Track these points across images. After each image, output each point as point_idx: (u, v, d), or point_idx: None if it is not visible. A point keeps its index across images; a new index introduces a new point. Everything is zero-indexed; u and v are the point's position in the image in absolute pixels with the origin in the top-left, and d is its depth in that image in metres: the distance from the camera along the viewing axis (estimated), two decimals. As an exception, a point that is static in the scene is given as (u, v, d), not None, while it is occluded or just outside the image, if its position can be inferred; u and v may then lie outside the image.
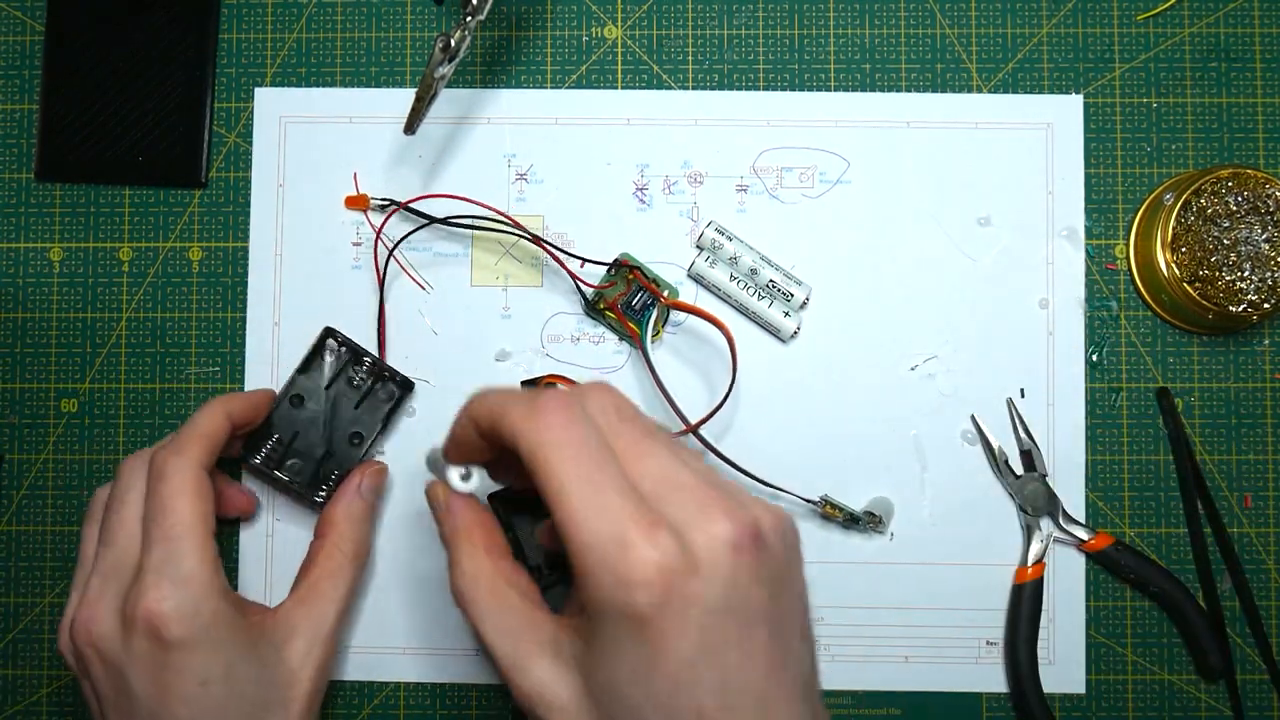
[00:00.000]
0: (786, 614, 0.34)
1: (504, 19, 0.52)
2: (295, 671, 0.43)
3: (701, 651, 0.31)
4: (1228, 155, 0.50)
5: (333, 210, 0.50)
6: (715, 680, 0.32)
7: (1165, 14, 0.51)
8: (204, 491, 0.42)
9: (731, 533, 0.32)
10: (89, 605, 0.41)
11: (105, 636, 0.40)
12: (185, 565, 0.40)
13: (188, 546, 0.40)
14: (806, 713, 0.34)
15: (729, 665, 0.32)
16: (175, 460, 0.41)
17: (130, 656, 0.40)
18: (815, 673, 0.35)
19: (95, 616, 0.40)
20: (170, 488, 0.41)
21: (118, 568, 0.41)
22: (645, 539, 0.31)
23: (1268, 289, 0.46)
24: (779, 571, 0.33)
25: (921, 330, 0.50)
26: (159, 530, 0.40)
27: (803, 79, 0.51)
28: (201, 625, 0.40)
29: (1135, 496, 0.49)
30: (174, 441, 0.43)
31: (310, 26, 0.52)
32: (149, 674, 0.40)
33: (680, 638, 0.31)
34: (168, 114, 0.51)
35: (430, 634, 0.49)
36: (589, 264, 0.49)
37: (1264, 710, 0.49)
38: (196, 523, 0.41)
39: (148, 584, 0.40)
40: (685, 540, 0.32)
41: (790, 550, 0.35)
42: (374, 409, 0.48)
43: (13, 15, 0.52)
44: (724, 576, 0.32)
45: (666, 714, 0.32)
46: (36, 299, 0.51)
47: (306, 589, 0.45)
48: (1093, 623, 0.49)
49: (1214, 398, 0.50)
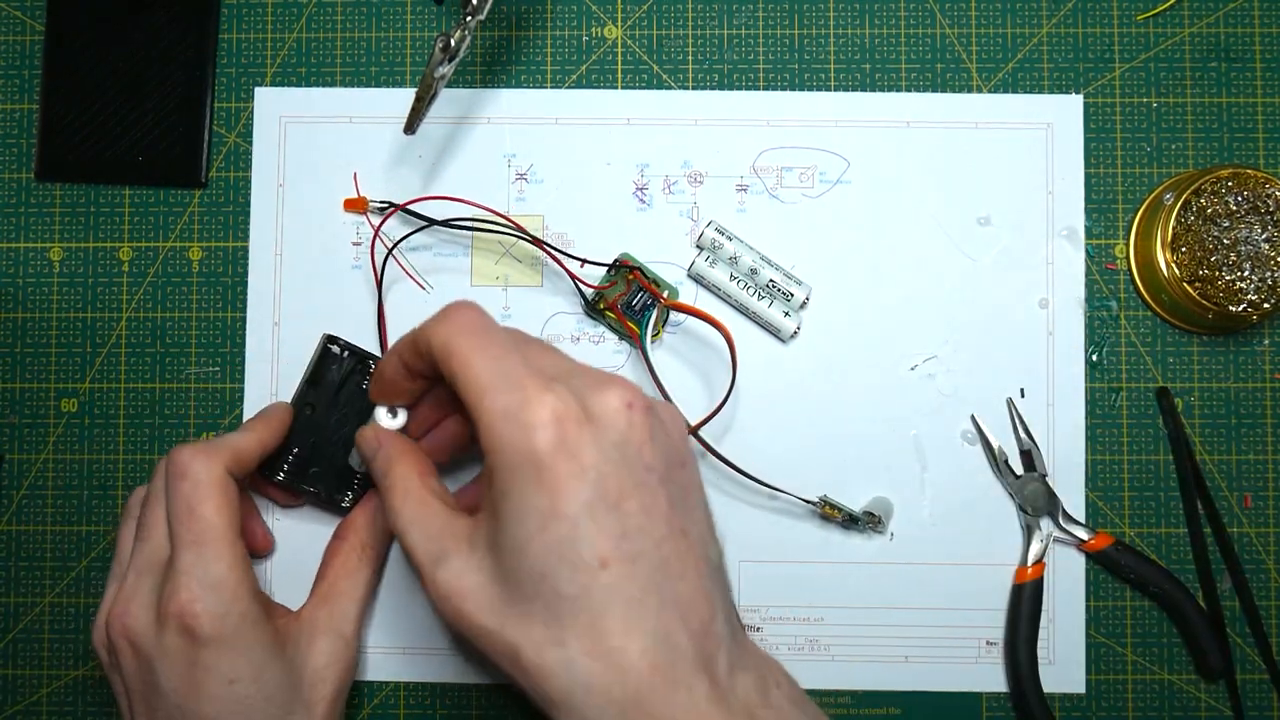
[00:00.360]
0: (684, 489, 0.36)
1: (504, 19, 0.52)
2: (319, 671, 0.44)
3: (599, 497, 0.33)
4: (1228, 155, 0.50)
5: (333, 210, 0.50)
6: (615, 528, 0.33)
7: (1165, 14, 0.51)
8: (229, 494, 0.42)
9: (624, 397, 0.35)
10: (125, 599, 0.42)
11: (139, 631, 0.41)
12: (216, 568, 0.41)
13: (216, 551, 0.41)
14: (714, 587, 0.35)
15: (628, 515, 0.33)
16: (197, 460, 0.42)
17: (162, 651, 0.40)
18: (722, 564, 0.37)
19: (130, 610, 0.41)
20: (194, 489, 0.41)
21: (153, 563, 0.42)
22: (544, 391, 0.34)
23: (1268, 289, 0.46)
24: (672, 446, 0.36)
25: (921, 330, 0.50)
26: (188, 533, 0.41)
27: (803, 79, 0.51)
28: (232, 626, 0.40)
29: (1135, 496, 0.49)
30: (200, 443, 0.43)
31: (310, 26, 0.52)
32: (179, 670, 0.40)
33: (578, 479, 0.33)
34: (168, 114, 0.51)
35: (430, 634, 0.49)
36: (589, 264, 0.49)
37: (1264, 710, 0.49)
38: (224, 526, 0.41)
39: (180, 584, 0.40)
40: (581, 399, 0.35)
41: (683, 438, 0.38)
42: None
43: (13, 15, 0.52)
44: (618, 429, 0.34)
45: (571, 565, 0.33)
46: (36, 299, 0.51)
47: (326, 589, 0.46)
48: (1093, 623, 0.49)
49: (1214, 398, 0.50)
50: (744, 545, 0.49)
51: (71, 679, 0.50)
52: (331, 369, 0.47)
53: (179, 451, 0.42)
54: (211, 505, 0.41)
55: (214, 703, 0.40)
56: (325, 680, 0.44)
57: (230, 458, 0.43)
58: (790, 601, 0.49)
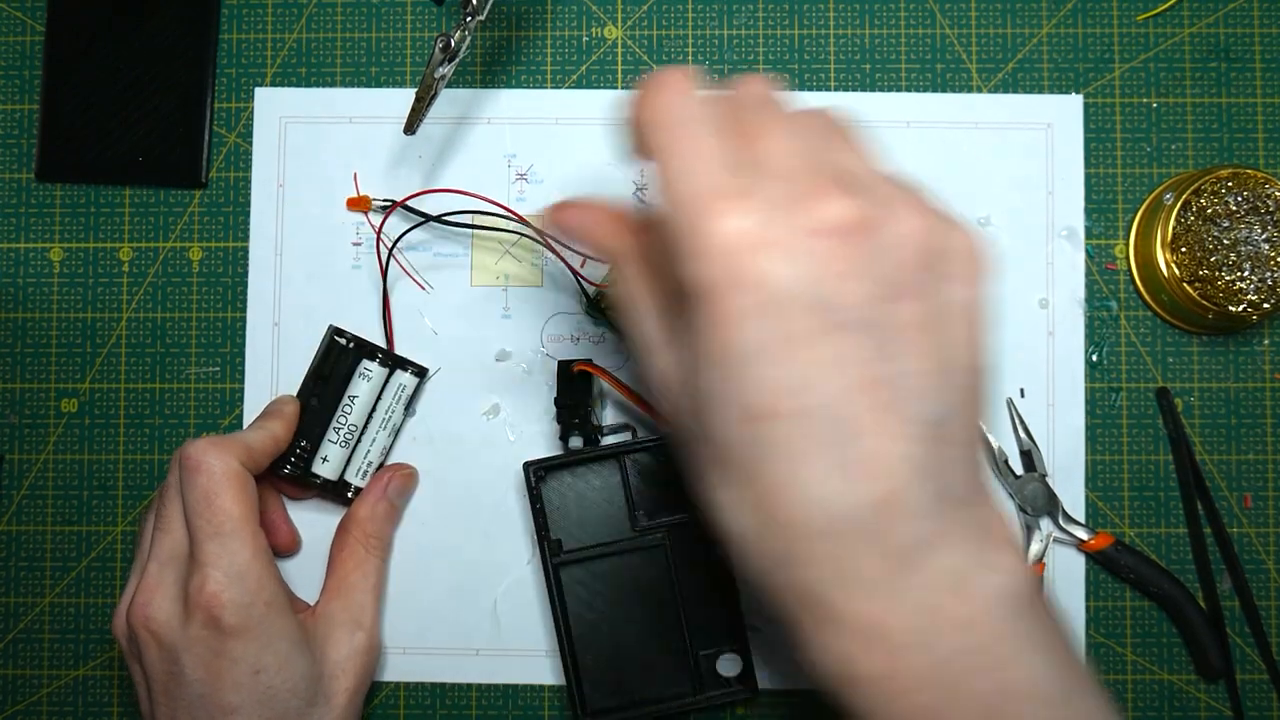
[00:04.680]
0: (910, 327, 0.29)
1: (504, 19, 0.52)
2: (340, 664, 0.44)
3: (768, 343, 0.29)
4: (1228, 155, 0.50)
5: (333, 210, 0.50)
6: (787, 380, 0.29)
7: (1165, 14, 0.51)
8: (246, 486, 0.42)
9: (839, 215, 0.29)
10: (147, 590, 0.42)
11: (163, 621, 0.41)
12: (239, 558, 0.41)
13: (239, 541, 0.41)
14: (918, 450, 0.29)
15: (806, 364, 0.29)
16: (210, 453, 0.42)
17: (187, 641, 0.41)
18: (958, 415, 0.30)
19: (153, 601, 0.41)
20: (209, 480, 0.41)
21: (174, 556, 0.42)
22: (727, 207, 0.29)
23: (1267, 289, 0.46)
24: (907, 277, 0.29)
25: (921, 330, 0.50)
26: (208, 525, 0.41)
27: (803, 79, 0.51)
28: (258, 616, 0.41)
29: (1135, 496, 0.49)
30: (214, 437, 0.43)
31: (310, 26, 0.52)
32: (204, 659, 0.41)
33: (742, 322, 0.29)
34: (168, 114, 0.51)
35: (430, 634, 0.49)
36: (590, 261, 0.49)
37: (1264, 710, 0.49)
38: (244, 517, 0.42)
39: (208, 575, 0.40)
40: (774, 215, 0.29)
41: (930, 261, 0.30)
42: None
43: (13, 15, 0.52)
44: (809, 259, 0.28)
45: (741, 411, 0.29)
46: (36, 299, 0.51)
47: (338, 583, 0.46)
48: (1093, 622, 0.49)
49: (1214, 398, 0.50)
50: (744, 545, 0.49)
51: (71, 679, 0.50)
52: (337, 359, 0.47)
53: (192, 445, 0.42)
54: (229, 496, 0.41)
55: (238, 691, 0.41)
56: (346, 672, 0.44)
57: (243, 452, 0.43)
58: (790, 601, 0.49)
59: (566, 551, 0.46)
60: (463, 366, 0.50)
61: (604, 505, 0.47)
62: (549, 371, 0.49)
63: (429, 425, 0.50)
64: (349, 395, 0.47)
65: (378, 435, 0.48)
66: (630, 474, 0.47)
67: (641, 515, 0.47)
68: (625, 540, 0.47)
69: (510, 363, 0.50)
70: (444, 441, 0.50)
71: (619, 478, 0.47)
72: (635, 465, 0.47)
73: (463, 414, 0.50)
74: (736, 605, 0.47)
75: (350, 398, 0.47)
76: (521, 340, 0.50)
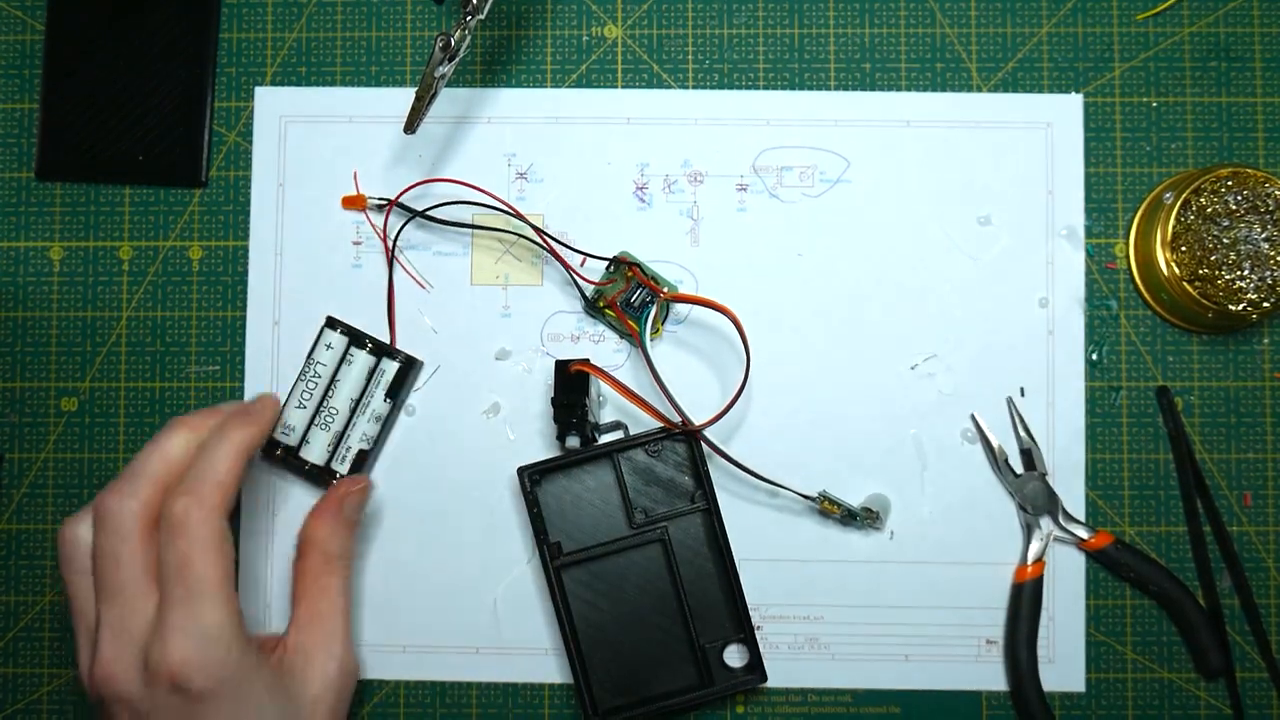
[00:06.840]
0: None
1: (504, 19, 0.52)
2: (318, 696, 0.43)
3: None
4: (1227, 155, 0.50)
5: (333, 209, 0.50)
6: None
7: (1165, 14, 0.51)
8: (227, 544, 0.40)
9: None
10: (105, 664, 0.39)
11: (129, 692, 0.39)
12: (209, 620, 0.39)
13: (213, 604, 0.39)
14: None
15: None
16: (198, 513, 0.40)
17: (156, 708, 0.39)
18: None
19: (114, 675, 0.39)
20: (193, 543, 0.39)
21: (128, 622, 0.40)
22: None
23: (1267, 288, 0.46)
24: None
25: (921, 329, 0.50)
26: (180, 589, 0.39)
27: (803, 78, 0.51)
28: (228, 676, 0.39)
29: (1135, 495, 0.49)
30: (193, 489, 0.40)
31: (310, 26, 0.52)
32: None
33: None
34: (168, 113, 0.51)
35: (430, 633, 0.49)
36: (589, 260, 0.49)
37: (1264, 709, 0.49)
38: (221, 578, 0.40)
39: (170, 640, 0.38)
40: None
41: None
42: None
43: (13, 15, 0.52)
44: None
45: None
46: (36, 298, 0.51)
47: (307, 613, 0.45)
48: (1093, 621, 0.49)
49: (1214, 397, 0.50)
50: (745, 544, 0.49)
51: (71, 678, 0.50)
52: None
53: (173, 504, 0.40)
54: (209, 560, 0.39)
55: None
56: (323, 700, 0.43)
57: (225, 499, 0.41)
58: (790, 600, 0.49)
59: (566, 553, 0.46)
60: (462, 365, 0.50)
61: (600, 505, 0.47)
62: (548, 370, 0.49)
63: (428, 424, 0.50)
64: (334, 380, 0.48)
65: (358, 420, 0.48)
66: (625, 472, 0.47)
67: (638, 512, 0.47)
68: (624, 538, 0.47)
69: (510, 362, 0.50)
70: (443, 440, 0.50)
71: (613, 476, 0.47)
72: (629, 463, 0.47)
73: (462, 413, 0.50)
74: (740, 595, 0.47)
75: (335, 381, 0.48)
76: (521, 339, 0.50)
